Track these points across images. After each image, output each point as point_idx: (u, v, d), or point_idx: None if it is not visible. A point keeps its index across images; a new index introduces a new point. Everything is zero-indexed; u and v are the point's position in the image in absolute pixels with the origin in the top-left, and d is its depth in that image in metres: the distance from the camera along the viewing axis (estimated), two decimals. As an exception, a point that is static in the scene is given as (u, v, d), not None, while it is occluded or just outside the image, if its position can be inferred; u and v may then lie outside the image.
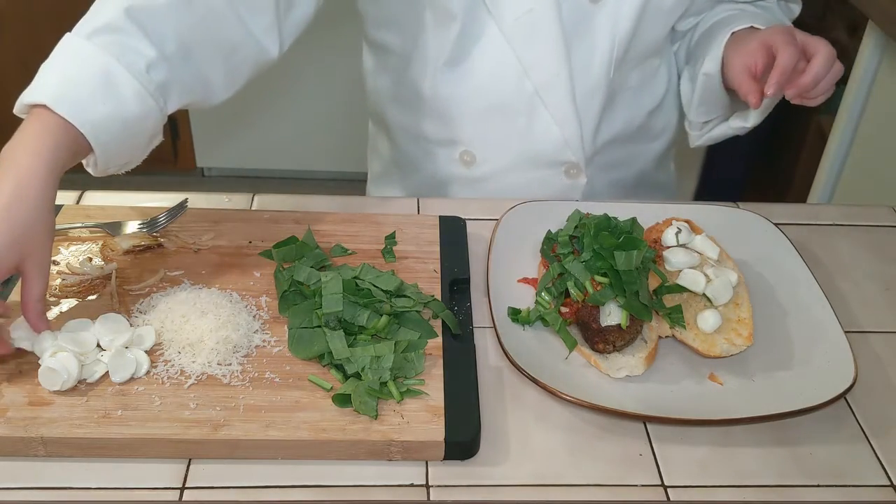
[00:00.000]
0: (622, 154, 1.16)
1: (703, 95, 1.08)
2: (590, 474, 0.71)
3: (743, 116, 1.08)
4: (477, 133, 1.10)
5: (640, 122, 1.14)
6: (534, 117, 1.06)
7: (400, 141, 1.18)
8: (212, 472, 0.69)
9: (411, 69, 1.09)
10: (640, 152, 1.19)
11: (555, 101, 1.04)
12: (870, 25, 1.71)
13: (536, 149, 1.09)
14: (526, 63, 1.02)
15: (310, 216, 0.96)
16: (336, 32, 2.35)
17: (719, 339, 0.80)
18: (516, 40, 1.01)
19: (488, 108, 1.07)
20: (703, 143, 1.15)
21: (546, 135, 1.07)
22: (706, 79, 1.05)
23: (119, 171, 0.86)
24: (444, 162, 1.14)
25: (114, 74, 0.78)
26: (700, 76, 1.06)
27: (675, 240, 0.89)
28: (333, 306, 0.78)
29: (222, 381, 0.74)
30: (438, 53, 1.05)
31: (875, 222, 1.06)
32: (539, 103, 1.05)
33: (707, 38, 1.07)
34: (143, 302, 0.82)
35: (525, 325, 0.84)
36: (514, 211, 0.97)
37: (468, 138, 1.11)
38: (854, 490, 0.72)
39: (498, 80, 1.05)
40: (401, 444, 0.70)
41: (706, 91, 1.07)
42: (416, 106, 1.12)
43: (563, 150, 1.08)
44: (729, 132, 1.11)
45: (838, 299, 0.91)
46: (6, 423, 0.69)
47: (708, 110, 1.10)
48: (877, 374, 0.83)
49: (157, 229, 0.92)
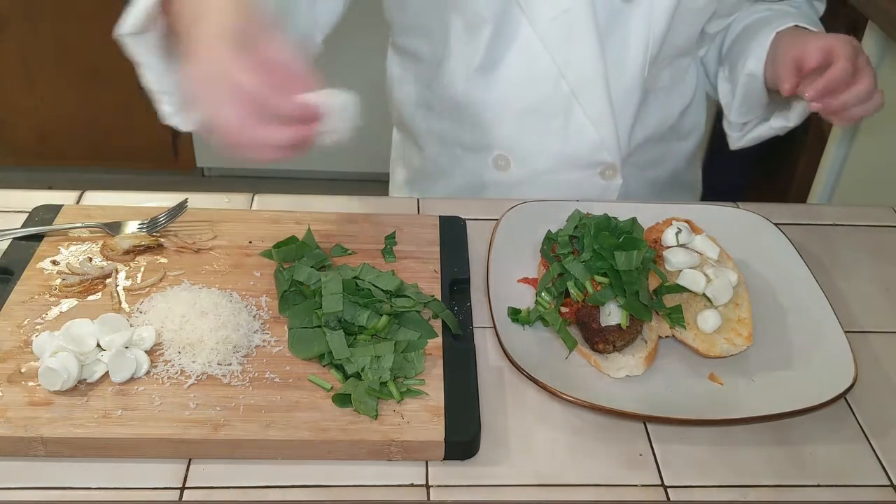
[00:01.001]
0: (655, 154, 1.16)
1: (745, 96, 1.07)
2: (590, 474, 0.71)
3: (784, 116, 1.07)
4: (511, 137, 1.09)
5: (672, 122, 1.14)
6: (570, 118, 1.06)
7: (430, 149, 1.17)
8: (212, 472, 0.69)
9: (442, 75, 1.08)
10: (672, 152, 1.18)
11: (591, 102, 1.03)
12: (870, 25, 1.71)
13: (572, 150, 1.08)
14: (561, 63, 1.01)
15: (310, 216, 0.96)
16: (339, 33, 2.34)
17: (719, 339, 0.80)
18: (551, 41, 1.00)
19: (523, 111, 1.06)
20: (743, 145, 1.14)
21: (582, 136, 1.07)
22: (749, 79, 1.04)
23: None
24: (477, 167, 1.13)
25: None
26: (742, 76, 1.05)
27: (675, 240, 0.89)
28: (333, 306, 0.78)
29: (222, 381, 0.74)
30: (470, 58, 1.04)
31: (875, 222, 1.06)
32: (575, 104, 1.04)
33: (747, 37, 1.06)
34: (143, 302, 0.82)
35: (525, 325, 0.84)
36: (514, 211, 0.97)
37: (502, 142, 1.10)
38: (854, 490, 0.72)
39: (533, 83, 1.04)
40: (401, 444, 0.70)
41: (748, 91, 1.06)
42: (448, 112, 1.11)
43: (599, 151, 1.07)
44: (770, 132, 1.10)
45: (838, 299, 0.91)
46: (6, 423, 0.69)
47: (748, 111, 1.10)
48: (877, 374, 0.83)
49: (157, 229, 0.92)
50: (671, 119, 1.13)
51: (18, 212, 0.96)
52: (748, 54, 1.04)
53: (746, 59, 1.04)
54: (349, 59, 1.87)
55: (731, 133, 1.15)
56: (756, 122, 1.11)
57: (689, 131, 1.18)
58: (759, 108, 1.09)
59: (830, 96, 0.92)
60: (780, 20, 1.03)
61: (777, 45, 1.01)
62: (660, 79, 1.08)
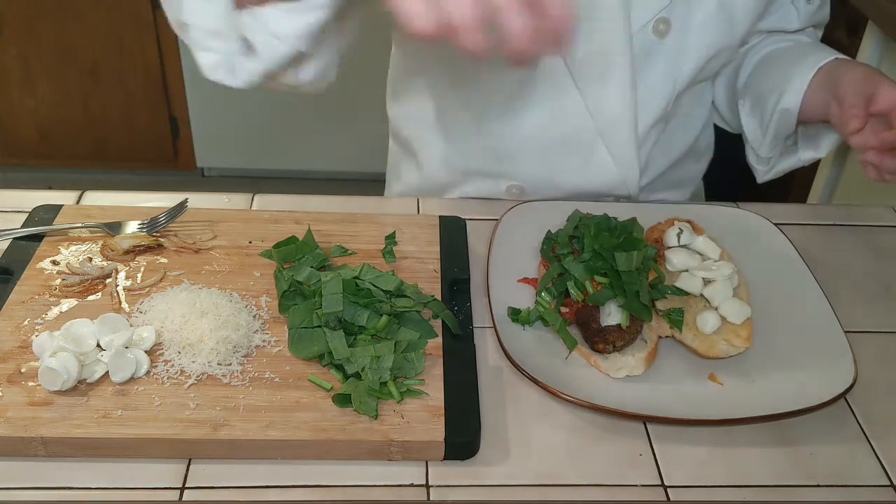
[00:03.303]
0: (673, 178, 1.14)
1: (778, 132, 1.03)
2: (590, 474, 0.71)
3: (814, 147, 1.04)
4: (529, 170, 1.06)
5: (691, 145, 1.12)
6: (592, 155, 1.03)
7: (432, 170, 1.13)
8: (212, 472, 0.69)
9: (467, 103, 1.04)
10: (689, 174, 1.17)
11: (617, 141, 1.01)
12: (870, 25, 1.71)
13: (590, 185, 1.05)
14: (591, 102, 0.98)
15: (310, 216, 0.96)
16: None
17: (718, 339, 0.80)
18: (584, 79, 0.97)
19: (545, 147, 1.03)
20: (771, 177, 1.11)
21: (602, 172, 1.04)
22: (784, 115, 1.00)
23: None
24: (483, 188, 1.10)
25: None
26: (776, 112, 1.00)
27: (676, 240, 0.89)
28: (333, 306, 0.78)
29: (222, 381, 0.74)
30: (497, 88, 1.01)
31: (875, 222, 1.06)
32: (599, 143, 1.01)
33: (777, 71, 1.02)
34: (143, 302, 0.82)
35: (525, 325, 0.84)
36: (514, 211, 0.97)
37: (518, 174, 1.07)
38: (854, 490, 0.72)
39: (558, 120, 1.01)
40: (401, 444, 0.70)
41: (781, 127, 1.02)
42: (465, 139, 1.08)
43: (619, 187, 1.05)
44: (798, 164, 1.07)
45: (838, 299, 0.91)
46: (6, 423, 0.69)
47: (777, 144, 1.06)
48: (877, 374, 0.83)
49: (157, 229, 0.92)
50: (690, 142, 1.11)
51: (18, 212, 0.96)
52: (782, 90, 0.99)
53: (781, 94, 0.99)
54: (348, 60, 1.86)
55: (758, 167, 1.11)
56: (779, 154, 1.08)
57: (703, 151, 1.16)
58: (784, 140, 1.06)
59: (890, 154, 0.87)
60: (815, 53, 0.99)
61: (838, 78, 0.94)
62: (681, 106, 1.06)
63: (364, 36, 1.16)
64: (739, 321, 0.81)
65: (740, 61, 1.09)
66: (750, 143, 1.10)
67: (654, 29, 0.96)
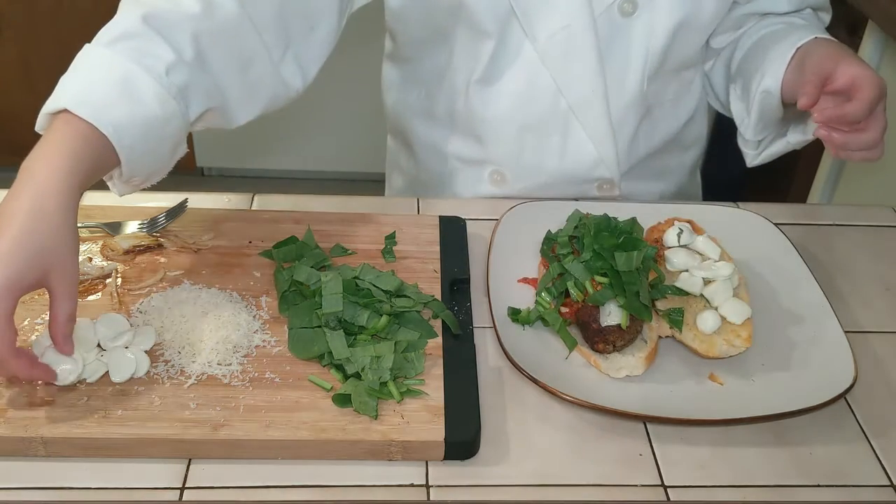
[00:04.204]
0: (657, 167, 1.14)
1: (761, 113, 1.03)
2: (590, 474, 0.71)
3: (801, 129, 1.04)
4: (508, 153, 1.08)
5: (675, 135, 1.12)
6: (568, 135, 1.04)
7: (425, 158, 1.16)
8: (212, 472, 0.69)
9: (442, 86, 1.07)
10: (674, 164, 1.17)
11: (590, 119, 1.02)
12: (870, 25, 1.71)
13: (570, 167, 1.07)
14: (560, 81, 1.00)
15: (310, 216, 0.96)
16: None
17: (718, 340, 0.80)
18: (550, 58, 0.99)
19: (521, 127, 1.05)
20: (760, 162, 1.11)
21: (580, 153, 1.05)
22: (765, 96, 1.00)
23: (143, 186, 0.83)
24: (472, 181, 1.13)
25: (134, 77, 0.76)
26: (758, 94, 1.01)
27: (676, 240, 0.89)
28: (333, 306, 0.78)
29: (222, 381, 0.74)
30: (471, 71, 1.03)
31: (875, 222, 1.06)
32: (574, 121, 1.03)
33: (761, 53, 1.02)
34: (143, 302, 0.82)
35: (525, 325, 0.84)
36: (514, 211, 0.97)
37: (499, 158, 1.09)
38: (854, 490, 0.72)
39: (531, 100, 1.03)
40: (401, 444, 0.70)
41: (764, 109, 1.02)
42: (446, 124, 1.10)
43: (598, 168, 1.06)
44: (788, 148, 1.07)
45: (838, 299, 0.91)
46: (6, 423, 0.69)
47: (764, 128, 1.06)
48: (877, 374, 0.83)
49: (157, 229, 0.92)
50: (675, 131, 1.12)
51: (18, 212, 0.96)
52: (764, 70, 1.00)
53: (763, 75, 1.00)
54: (349, 60, 1.87)
55: (747, 151, 1.11)
56: (771, 139, 1.08)
57: (691, 143, 1.17)
58: (775, 124, 1.06)
59: (836, 129, 0.89)
60: (797, 33, 0.99)
61: (805, 56, 0.96)
62: (666, 92, 1.07)
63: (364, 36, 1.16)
64: (739, 321, 0.81)
65: (735, 45, 1.10)
66: (738, 126, 1.10)
67: (620, 9, 0.98)
